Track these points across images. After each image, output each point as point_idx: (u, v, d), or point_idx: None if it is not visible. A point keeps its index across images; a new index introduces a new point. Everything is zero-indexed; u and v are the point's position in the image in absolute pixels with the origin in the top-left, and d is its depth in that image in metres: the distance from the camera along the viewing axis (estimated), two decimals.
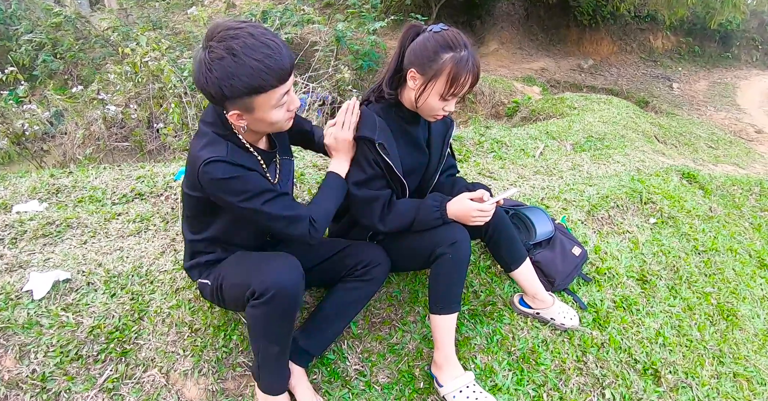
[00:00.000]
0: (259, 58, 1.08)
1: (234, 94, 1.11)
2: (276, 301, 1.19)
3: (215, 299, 1.39)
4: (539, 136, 3.88)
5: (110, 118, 3.85)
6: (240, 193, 1.20)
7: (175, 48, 5.08)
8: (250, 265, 1.30)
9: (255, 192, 1.22)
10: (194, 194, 1.28)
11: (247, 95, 1.12)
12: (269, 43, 1.10)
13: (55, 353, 1.43)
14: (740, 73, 11.58)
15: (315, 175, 2.49)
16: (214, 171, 1.16)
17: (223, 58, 1.07)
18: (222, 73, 1.08)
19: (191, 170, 1.23)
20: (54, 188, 2.33)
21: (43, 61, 6.64)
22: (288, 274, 1.22)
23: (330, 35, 6.28)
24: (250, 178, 1.21)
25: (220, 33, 1.09)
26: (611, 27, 11.58)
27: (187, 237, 1.42)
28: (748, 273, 2.45)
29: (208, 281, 1.38)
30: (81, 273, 1.69)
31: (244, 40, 1.07)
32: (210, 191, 1.21)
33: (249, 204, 1.21)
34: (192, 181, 1.24)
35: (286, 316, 1.25)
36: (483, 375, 1.58)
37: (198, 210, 1.34)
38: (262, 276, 1.21)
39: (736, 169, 4.91)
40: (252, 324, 1.27)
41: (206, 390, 1.44)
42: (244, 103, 1.14)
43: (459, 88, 1.36)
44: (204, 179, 1.18)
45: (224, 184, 1.18)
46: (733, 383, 1.80)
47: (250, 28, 1.10)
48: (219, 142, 1.22)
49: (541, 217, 1.97)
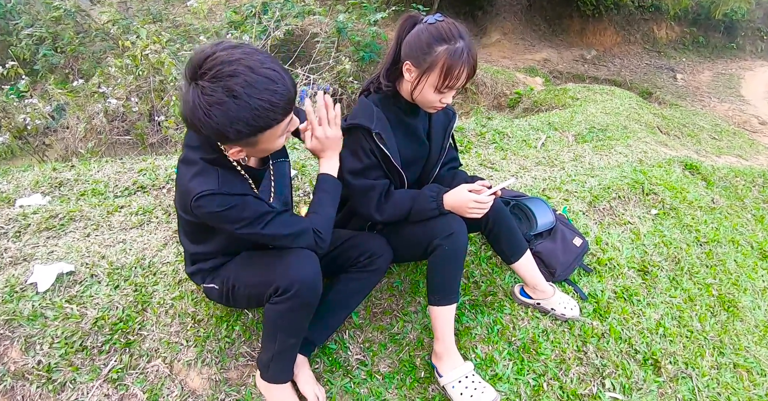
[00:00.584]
0: (264, 97, 1.00)
1: (238, 138, 1.05)
2: (299, 295, 1.21)
3: (225, 300, 1.40)
4: (541, 126, 3.86)
5: (111, 111, 3.85)
6: (237, 221, 1.16)
7: (175, 40, 5.06)
8: (266, 264, 1.30)
9: (252, 218, 1.17)
10: (188, 218, 1.25)
11: (252, 136, 1.06)
12: (270, 74, 1.01)
13: (60, 344, 1.45)
14: (745, 63, 11.48)
15: (316, 166, 2.49)
16: (208, 205, 1.12)
17: (223, 102, 0.98)
18: (223, 119, 0.99)
19: (183, 200, 1.18)
20: (56, 182, 2.34)
21: (43, 56, 6.62)
22: (309, 268, 1.24)
23: (331, 26, 6.24)
24: (246, 206, 1.17)
25: (212, 69, 0.98)
26: (614, 17, 11.47)
27: (185, 246, 1.40)
28: (749, 265, 2.45)
29: (214, 285, 1.38)
30: (84, 266, 1.70)
31: (244, 78, 0.98)
32: (207, 222, 1.19)
33: (248, 230, 1.18)
34: (185, 210, 1.19)
35: (308, 309, 1.27)
36: (483, 364, 1.59)
37: (195, 228, 1.32)
38: (285, 272, 1.22)
39: (739, 160, 4.88)
40: (273, 319, 1.28)
41: (209, 379, 1.45)
42: (247, 141, 1.08)
43: (454, 81, 1.34)
44: (200, 213, 1.14)
45: (220, 216, 1.14)
46: (733, 374, 1.81)
47: (246, 58, 0.99)
48: (208, 171, 1.15)
49: (542, 208, 1.97)
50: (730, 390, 1.74)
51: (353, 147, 1.45)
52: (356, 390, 1.49)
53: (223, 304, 1.49)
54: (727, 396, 1.71)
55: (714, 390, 1.71)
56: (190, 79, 1.01)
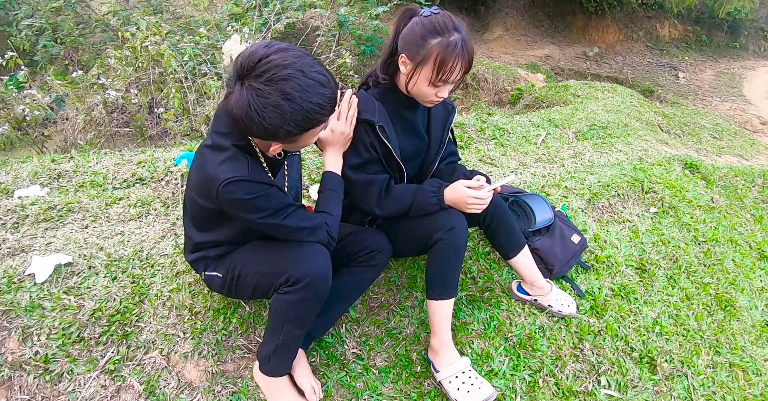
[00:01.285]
0: (315, 100, 1.05)
1: (286, 137, 1.10)
2: (311, 287, 1.23)
3: (227, 290, 1.39)
4: (542, 123, 3.85)
5: (111, 103, 3.83)
6: (261, 211, 1.19)
7: (176, 32, 5.03)
8: (279, 254, 1.30)
9: (277, 208, 1.21)
10: (207, 205, 1.25)
11: (299, 135, 1.11)
12: (320, 78, 1.06)
13: (57, 335, 1.45)
14: (747, 63, 11.43)
15: (315, 160, 2.49)
16: (238, 191, 1.14)
17: (278, 105, 1.02)
18: (277, 120, 1.04)
19: (208, 186, 1.18)
20: (55, 173, 2.34)
21: (43, 47, 6.59)
22: (322, 261, 1.26)
23: (332, 20, 6.21)
24: (272, 196, 1.20)
25: (268, 71, 1.02)
26: (617, 14, 11.41)
27: (189, 233, 1.40)
28: (747, 265, 2.45)
29: (217, 273, 1.38)
30: (82, 257, 1.70)
31: (297, 82, 1.03)
32: (229, 209, 1.20)
33: (270, 220, 1.21)
34: (208, 196, 1.20)
35: (317, 302, 1.28)
36: (479, 360, 1.59)
37: (206, 216, 1.32)
38: (298, 263, 1.23)
39: (739, 160, 4.88)
40: (281, 310, 1.28)
41: (206, 371, 1.46)
42: (291, 139, 1.13)
43: (447, 74, 1.32)
44: (224, 198, 1.15)
45: (247, 203, 1.16)
46: (729, 373, 1.81)
47: (298, 62, 1.04)
48: (239, 157, 1.18)
49: (541, 205, 1.97)
50: (725, 389, 1.74)
51: (354, 141, 1.45)
52: (352, 383, 1.49)
53: (224, 294, 1.49)
54: (723, 395, 1.71)
55: (709, 388, 1.72)
56: (241, 78, 1.04)
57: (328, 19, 6.13)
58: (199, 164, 1.23)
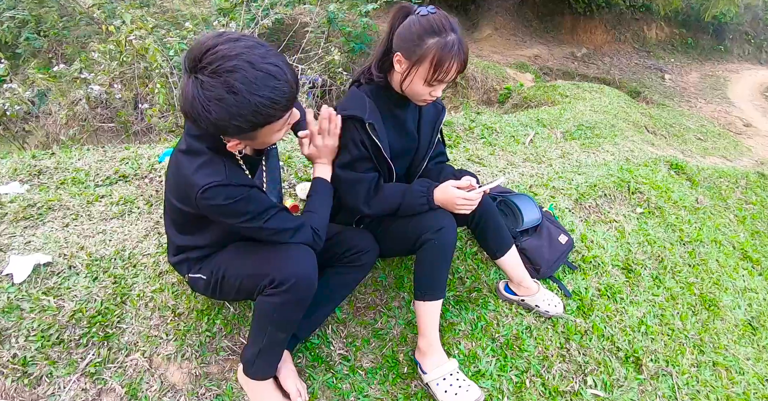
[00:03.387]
0: (264, 94, 0.98)
1: (237, 133, 1.05)
2: (295, 289, 1.20)
3: (211, 291, 1.37)
4: (530, 123, 3.87)
5: (94, 98, 3.76)
6: (243, 214, 1.16)
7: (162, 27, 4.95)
8: (263, 255, 1.27)
9: (258, 211, 1.18)
10: (187, 210, 1.22)
11: (251, 131, 1.05)
12: (272, 69, 0.99)
13: (36, 337, 1.41)
14: (732, 66, 11.63)
15: (302, 158, 2.46)
16: (217, 196, 1.10)
17: (222, 98, 0.97)
18: (222, 114, 0.98)
19: (186, 193, 1.14)
20: (36, 170, 2.28)
21: (26, 39, 6.44)
22: (307, 263, 1.23)
23: (321, 16, 6.16)
24: (253, 198, 1.17)
25: (213, 63, 0.96)
26: (606, 16, 11.52)
27: (171, 236, 1.37)
28: (731, 265, 2.49)
29: (201, 275, 1.35)
30: (62, 257, 1.66)
31: (244, 74, 0.96)
32: (210, 214, 1.17)
33: (252, 224, 1.19)
34: (187, 202, 1.17)
35: (302, 304, 1.26)
36: (466, 360, 1.59)
37: (187, 220, 1.29)
38: (282, 265, 1.21)
39: (723, 161, 4.95)
40: (265, 312, 1.26)
41: (189, 373, 1.43)
42: (245, 136, 1.08)
43: (443, 74, 1.32)
44: (204, 205, 1.12)
45: (227, 208, 1.13)
46: (713, 372, 1.83)
47: (247, 53, 0.97)
48: (215, 161, 1.13)
49: (529, 205, 1.97)
50: (709, 387, 1.76)
51: (344, 138, 1.43)
52: (338, 385, 1.48)
53: (208, 296, 1.46)
54: (707, 393, 1.73)
55: (693, 387, 1.74)
56: (190, 71, 0.99)
57: (317, 16, 6.09)
58: (175, 170, 1.19)
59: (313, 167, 1.47)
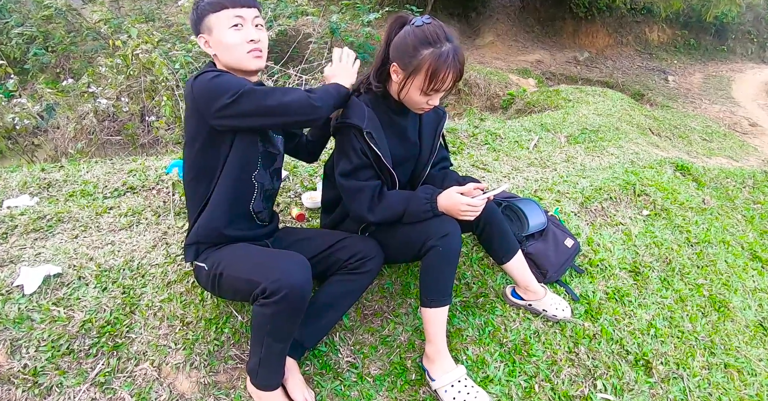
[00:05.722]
0: None
1: (201, 13, 1.33)
2: (287, 301, 1.20)
3: (209, 286, 1.40)
4: (534, 128, 3.87)
5: (102, 111, 3.81)
6: (228, 84, 1.26)
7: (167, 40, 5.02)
8: (258, 261, 1.29)
9: (242, 82, 1.29)
10: (194, 125, 1.33)
11: (206, 15, 1.32)
12: None
13: (46, 347, 1.43)
14: (735, 66, 11.59)
15: (308, 168, 2.48)
16: (203, 77, 1.27)
17: None
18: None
19: (186, 94, 1.33)
20: (45, 182, 2.31)
21: (34, 55, 6.55)
22: (299, 274, 1.23)
23: (324, 27, 6.22)
24: (236, 78, 1.30)
25: None
26: (607, 19, 11.55)
27: (190, 209, 1.45)
28: (740, 265, 2.47)
29: (204, 265, 1.39)
30: (72, 268, 1.68)
31: None
32: (203, 100, 1.26)
33: (240, 89, 1.25)
34: (189, 102, 1.32)
35: (295, 315, 1.26)
36: (475, 366, 1.58)
37: (198, 153, 1.36)
38: (274, 275, 1.21)
39: (729, 161, 4.92)
40: (259, 322, 1.27)
41: (198, 383, 1.44)
42: (206, 23, 1.33)
43: (439, 84, 1.34)
44: (197, 89, 1.26)
45: (213, 82, 1.25)
46: (724, 374, 1.81)
47: None
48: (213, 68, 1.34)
49: (534, 209, 1.97)
50: (721, 390, 1.74)
51: (344, 147, 1.45)
52: (346, 392, 1.47)
53: (208, 290, 1.48)
54: (718, 396, 1.71)
55: (705, 390, 1.72)
56: None
57: (320, 27, 6.15)
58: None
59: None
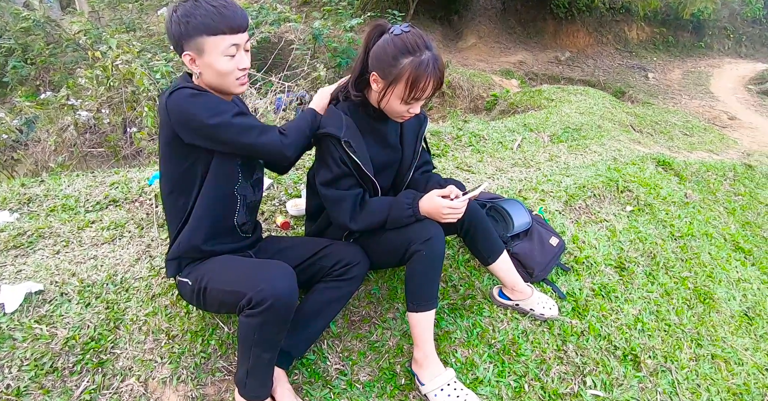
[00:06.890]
0: (215, 4, 1.24)
1: (191, 32, 1.24)
2: (273, 310, 1.19)
3: (195, 300, 1.38)
4: (517, 128, 3.91)
5: (82, 123, 3.76)
6: (207, 110, 1.23)
7: (149, 50, 4.98)
8: (242, 273, 1.28)
9: (222, 108, 1.26)
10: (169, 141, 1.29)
11: (199, 35, 1.23)
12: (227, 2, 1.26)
13: (29, 366, 1.40)
14: (713, 61, 11.83)
15: (292, 174, 2.47)
16: (179, 94, 1.23)
17: (186, 1, 1.24)
18: (183, 13, 1.23)
19: (160, 109, 1.28)
20: (25, 198, 2.28)
21: (13, 67, 6.46)
22: (284, 283, 1.22)
23: (307, 33, 6.23)
24: (214, 98, 1.28)
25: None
26: (587, 19, 11.71)
27: (170, 223, 1.42)
28: (723, 257, 2.51)
29: (188, 280, 1.37)
30: (54, 284, 1.65)
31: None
32: (178, 119, 1.23)
33: (218, 119, 1.24)
34: (162, 118, 1.28)
35: (281, 324, 1.25)
36: (464, 368, 1.58)
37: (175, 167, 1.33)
38: (259, 285, 1.20)
39: (710, 155, 5.01)
40: (246, 333, 1.26)
41: (186, 396, 1.42)
42: (196, 43, 1.25)
43: (419, 93, 1.34)
44: (172, 106, 1.23)
45: (191, 102, 1.23)
46: (711, 365, 1.83)
47: None
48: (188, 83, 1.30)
49: (519, 209, 1.98)
50: (709, 381, 1.76)
51: (324, 156, 1.44)
52: (336, 400, 1.47)
53: (193, 304, 1.47)
54: (707, 387, 1.73)
55: (693, 381, 1.74)
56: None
57: (302, 33, 6.15)
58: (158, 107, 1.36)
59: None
